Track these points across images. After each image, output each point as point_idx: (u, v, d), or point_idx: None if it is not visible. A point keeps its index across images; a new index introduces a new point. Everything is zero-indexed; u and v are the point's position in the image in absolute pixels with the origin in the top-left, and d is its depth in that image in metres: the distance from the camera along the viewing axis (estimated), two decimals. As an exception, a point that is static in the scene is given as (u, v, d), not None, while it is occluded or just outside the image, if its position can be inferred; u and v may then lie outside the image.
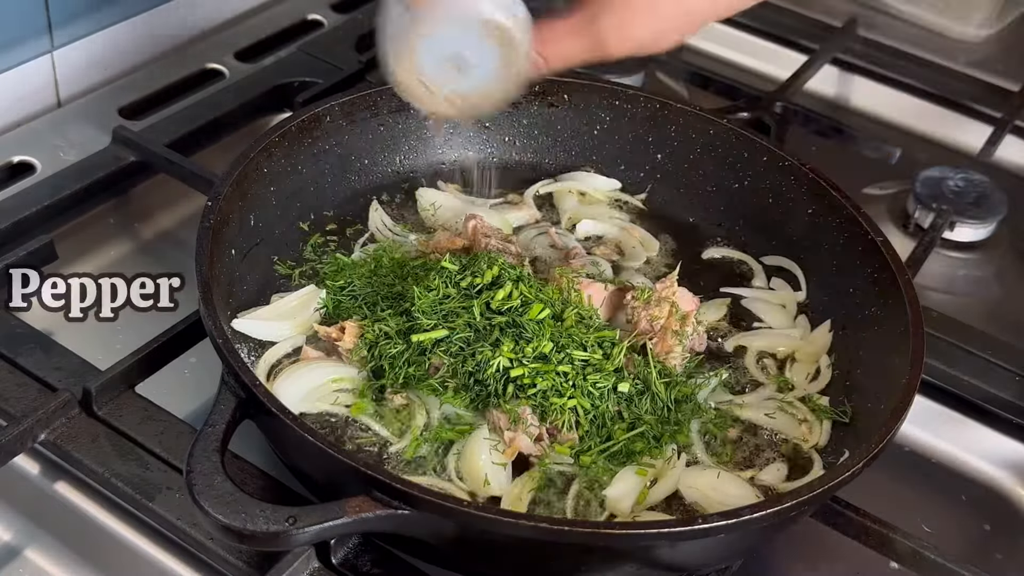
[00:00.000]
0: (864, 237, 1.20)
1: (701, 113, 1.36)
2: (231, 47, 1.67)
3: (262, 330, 1.15)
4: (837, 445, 1.11)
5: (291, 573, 0.95)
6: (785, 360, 1.22)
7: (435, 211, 1.34)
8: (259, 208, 1.21)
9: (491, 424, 1.07)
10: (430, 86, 0.97)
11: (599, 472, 1.05)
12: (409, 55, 0.94)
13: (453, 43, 0.94)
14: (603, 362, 1.08)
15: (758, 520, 0.90)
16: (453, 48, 0.95)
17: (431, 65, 0.96)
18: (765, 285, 1.30)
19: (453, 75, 0.97)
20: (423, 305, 1.11)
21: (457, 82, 0.97)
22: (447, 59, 0.96)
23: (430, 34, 0.93)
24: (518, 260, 1.21)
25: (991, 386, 1.25)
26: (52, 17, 1.50)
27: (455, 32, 0.94)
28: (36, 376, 1.11)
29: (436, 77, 0.96)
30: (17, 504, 1.09)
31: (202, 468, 0.90)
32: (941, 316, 1.31)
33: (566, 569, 0.96)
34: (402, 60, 0.95)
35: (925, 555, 1.02)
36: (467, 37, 0.94)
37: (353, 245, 1.29)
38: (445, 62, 0.96)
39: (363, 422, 1.09)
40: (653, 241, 1.34)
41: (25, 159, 1.42)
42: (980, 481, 1.24)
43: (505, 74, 0.98)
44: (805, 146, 1.61)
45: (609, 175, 1.41)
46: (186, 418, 1.10)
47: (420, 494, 0.88)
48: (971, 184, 1.53)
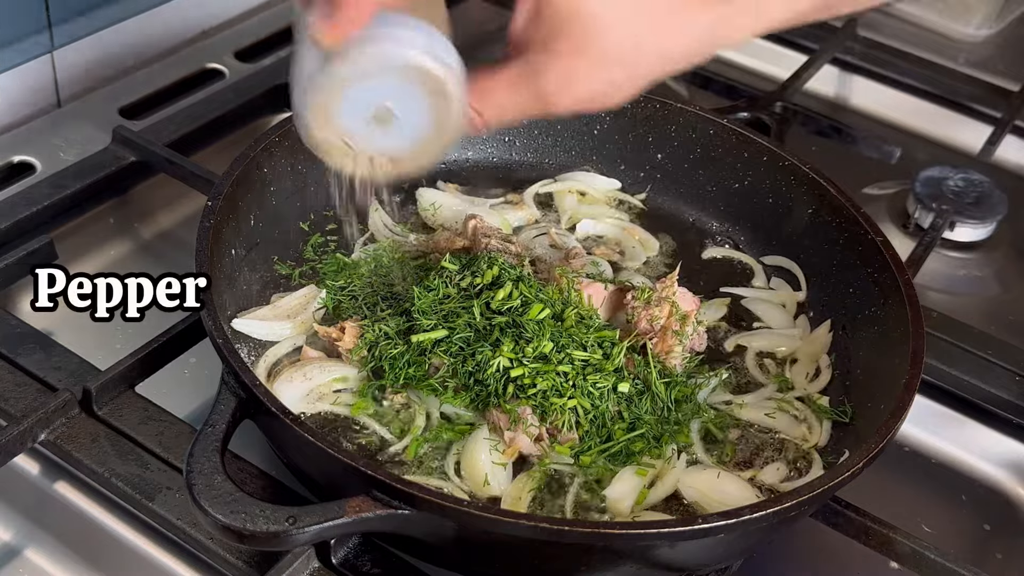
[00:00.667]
0: (864, 237, 1.20)
1: (701, 113, 1.36)
2: (231, 47, 1.67)
3: (262, 330, 1.15)
4: (837, 445, 1.11)
5: (291, 573, 0.95)
6: (785, 360, 1.22)
7: (435, 211, 1.34)
8: (259, 208, 1.21)
9: (491, 424, 1.07)
10: (351, 143, 0.86)
11: (599, 472, 1.05)
12: (326, 107, 0.82)
13: (377, 93, 0.83)
14: (603, 362, 1.08)
15: (758, 520, 0.90)
16: (377, 99, 0.83)
17: (352, 119, 0.84)
18: (765, 285, 1.31)
19: (377, 132, 0.85)
20: (423, 305, 1.11)
21: (382, 139, 0.86)
22: (370, 112, 0.84)
23: (350, 83, 0.81)
24: (518, 260, 1.21)
25: (991, 386, 1.25)
26: (52, 17, 1.50)
27: (379, 81, 0.81)
28: (36, 376, 1.11)
29: (358, 133, 0.84)
30: (17, 504, 1.09)
31: (202, 468, 0.90)
32: (941, 316, 1.31)
33: (566, 569, 0.96)
34: (318, 113, 0.83)
35: (925, 555, 1.02)
36: (392, 86, 0.82)
37: (353, 245, 1.29)
38: (368, 116, 0.84)
39: (363, 422, 1.09)
40: (653, 241, 1.35)
41: (25, 159, 1.42)
42: (980, 481, 1.24)
43: (436, 130, 0.86)
44: (805, 146, 1.61)
45: (609, 175, 1.41)
46: (186, 418, 1.10)
47: (420, 494, 0.88)
48: (971, 184, 1.53)
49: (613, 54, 0.85)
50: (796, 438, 1.12)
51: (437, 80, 0.81)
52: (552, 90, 0.86)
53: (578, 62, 0.86)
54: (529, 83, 0.87)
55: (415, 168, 0.89)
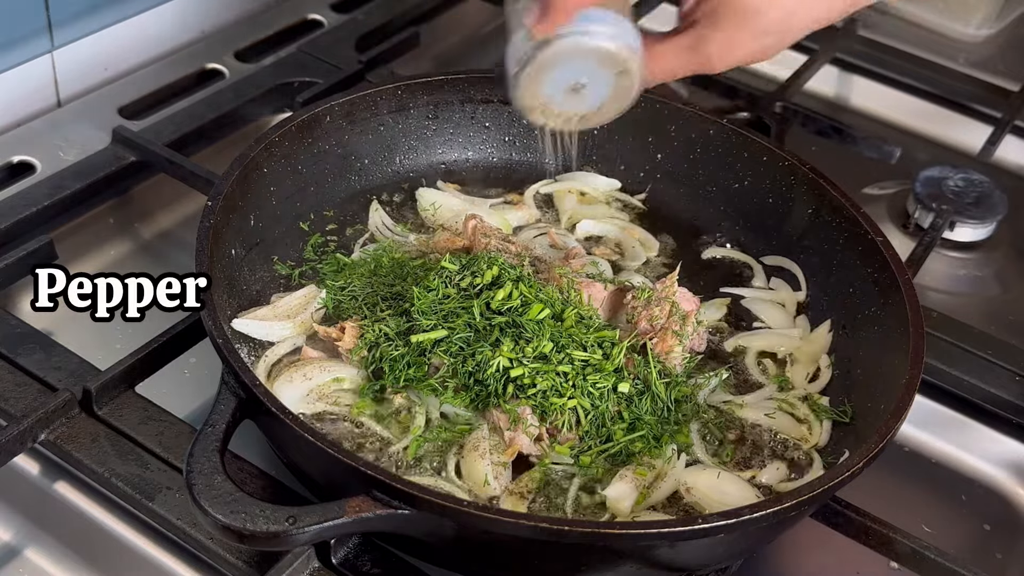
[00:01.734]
0: (864, 237, 1.20)
1: (701, 113, 1.36)
2: (231, 47, 1.67)
3: (262, 330, 1.15)
4: (837, 445, 1.11)
5: (291, 573, 0.95)
6: (785, 360, 1.22)
7: (435, 211, 1.34)
8: (259, 208, 1.21)
9: (491, 424, 1.07)
10: (549, 107, 1.06)
11: (599, 472, 1.05)
12: (533, 81, 1.03)
13: (573, 72, 1.03)
14: (603, 362, 1.08)
15: (758, 520, 0.90)
16: (573, 77, 1.03)
17: (553, 90, 1.04)
18: (765, 285, 1.31)
19: (571, 98, 1.06)
20: (422, 305, 1.11)
21: (574, 104, 1.06)
22: (568, 86, 1.04)
23: (554, 65, 1.01)
24: (518, 260, 1.21)
25: (991, 386, 1.25)
26: (52, 17, 1.50)
27: (576, 63, 1.02)
28: (36, 376, 1.11)
29: (555, 101, 1.05)
30: (17, 504, 1.09)
31: (202, 468, 0.90)
32: (941, 316, 1.31)
33: (566, 569, 0.96)
34: (528, 85, 1.03)
35: (925, 555, 1.02)
36: (586, 67, 1.02)
37: (353, 245, 1.29)
38: (566, 88, 1.04)
39: (363, 422, 1.09)
40: (653, 241, 1.35)
41: (25, 159, 1.42)
42: (980, 481, 1.25)
43: (618, 97, 1.06)
44: (805, 146, 1.61)
45: (609, 175, 1.41)
46: (186, 418, 1.10)
47: (420, 494, 0.88)
48: (971, 184, 1.53)
49: (770, 28, 1.05)
50: (796, 438, 1.12)
51: (621, 62, 1.02)
52: (714, 55, 1.06)
53: (739, 34, 1.05)
54: (696, 50, 1.06)
55: (598, 123, 1.10)
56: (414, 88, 1.34)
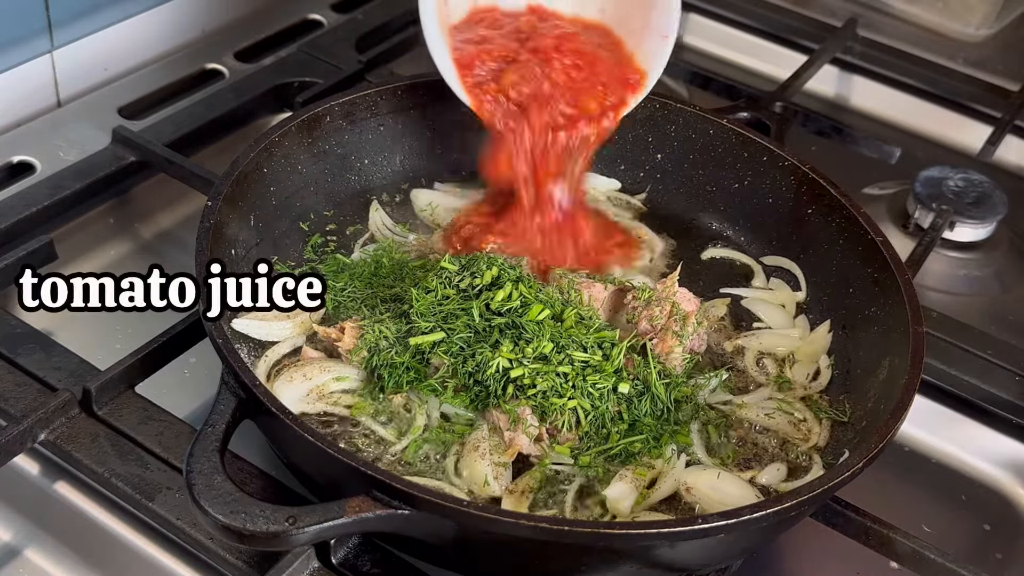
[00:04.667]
0: (864, 237, 1.20)
1: (701, 113, 1.36)
2: (231, 47, 1.67)
3: (262, 330, 1.15)
4: (837, 445, 1.11)
5: (291, 573, 0.95)
6: (785, 360, 1.22)
7: (432, 211, 1.34)
8: (259, 208, 1.21)
9: (491, 424, 1.07)
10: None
11: (599, 472, 1.05)
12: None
13: None
14: (603, 363, 1.08)
15: (758, 520, 0.90)
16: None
17: None
18: (765, 285, 1.31)
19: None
20: (421, 307, 1.10)
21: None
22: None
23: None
24: (517, 260, 1.21)
25: (991, 386, 1.25)
26: (52, 17, 1.50)
27: None
28: (36, 376, 1.11)
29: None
30: (17, 504, 1.09)
31: (202, 468, 0.90)
32: (941, 316, 1.31)
33: (566, 569, 0.96)
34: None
35: (925, 555, 1.02)
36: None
37: (353, 245, 1.29)
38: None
39: (363, 422, 1.09)
40: (657, 241, 1.34)
41: (25, 159, 1.42)
42: (980, 481, 1.25)
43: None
44: (805, 146, 1.61)
45: (609, 175, 1.41)
46: (186, 418, 1.10)
47: (420, 494, 0.88)
48: (971, 184, 1.53)
49: None
50: (796, 438, 1.12)
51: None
52: None
53: None
54: None
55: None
56: (414, 88, 1.34)
